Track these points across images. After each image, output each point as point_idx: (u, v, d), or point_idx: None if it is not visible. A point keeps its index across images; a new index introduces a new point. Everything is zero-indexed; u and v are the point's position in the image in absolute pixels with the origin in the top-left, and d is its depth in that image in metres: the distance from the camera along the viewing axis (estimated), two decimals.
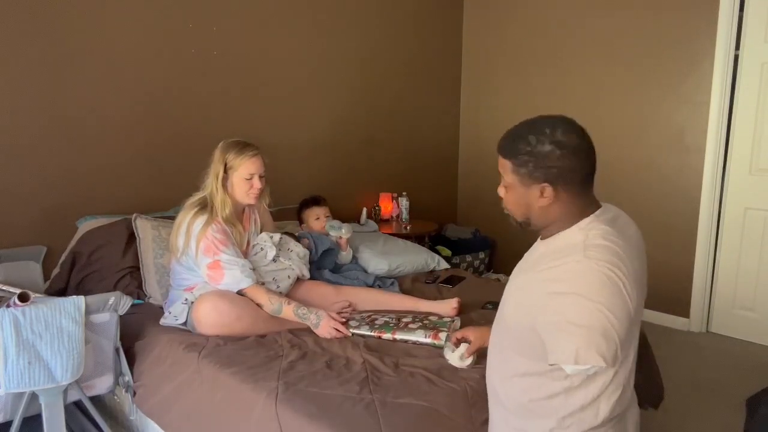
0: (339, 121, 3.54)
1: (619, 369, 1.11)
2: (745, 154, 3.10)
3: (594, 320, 1.00)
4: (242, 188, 2.12)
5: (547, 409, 1.13)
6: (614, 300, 1.01)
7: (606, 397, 1.11)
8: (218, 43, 2.91)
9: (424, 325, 1.97)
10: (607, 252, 1.05)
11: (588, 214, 1.16)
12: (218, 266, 2.01)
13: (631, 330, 1.09)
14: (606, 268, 1.03)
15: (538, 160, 1.11)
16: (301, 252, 2.38)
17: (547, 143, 1.11)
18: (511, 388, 1.19)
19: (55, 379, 1.61)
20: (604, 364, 1.00)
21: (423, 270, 2.84)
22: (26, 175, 2.39)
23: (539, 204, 1.15)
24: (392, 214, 3.78)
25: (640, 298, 1.12)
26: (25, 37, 2.33)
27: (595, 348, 0.99)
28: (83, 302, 1.67)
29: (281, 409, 1.49)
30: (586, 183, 1.16)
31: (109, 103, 2.58)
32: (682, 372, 2.79)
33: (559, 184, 1.12)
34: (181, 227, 2.06)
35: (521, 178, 1.15)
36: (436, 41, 4.08)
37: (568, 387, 1.11)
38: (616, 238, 1.09)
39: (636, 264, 1.10)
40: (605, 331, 1.00)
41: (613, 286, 1.02)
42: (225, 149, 2.12)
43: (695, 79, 3.19)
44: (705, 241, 3.26)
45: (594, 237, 1.09)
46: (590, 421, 1.11)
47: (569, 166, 1.11)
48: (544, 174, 1.12)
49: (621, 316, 1.02)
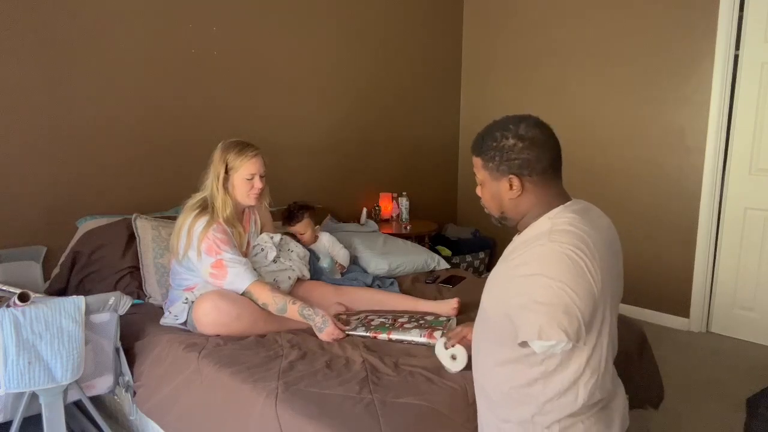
0: (339, 121, 3.54)
1: (593, 353, 1.14)
2: (745, 154, 3.10)
3: (556, 298, 1.06)
4: (243, 189, 2.11)
5: (527, 396, 1.17)
6: (576, 279, 1.07)
7: (583, 382, 1.14)
8: (218, 44, 2.91)
9: (420, 324, 1.97)
10: (571, 236, 1.12)
11: (557, 206, 1.23)
12: (221, 265, 2.01)
13: (601, 313, 1.13)
14: (568, 249, 1.10)
15: (503, 153, 1.22)
16: (302, 252, 2.38)
17: (511, 137, 1.21)
18: (493, 378, 1.24)
19: (55, 379, 1.61)
20: (567, 339, 1.05)
21: (423, 270, 2.85)
22: (26, 176, 2.39)
23: (509, 196, 1.24)
24: (392, 214, 3.78)
25: (612, 286, 1.17)
26: (25, 37, 2.33)
27: (557, 324, 1.05)
28: (83, 302, 1.67)
29: (281, 409, 1.49)
30: (550, 174, 1.24)
31: (109, 103, 2.58)
32: (682, 372, 2.79)
33: (524, 175, 1.22)
34: (182, 230, 2.06)
35: (490, 173, 1.25)
36: (436, 41, 4.08)
37: (544, 372, 1.15)
38: (583, 225, 1.16)
39: (605, 253, 1.15)
40: (567, 308, 1.05)
41: (575, 265, 1.08)
42: (225, 150, 2.11)
43: (695, 79, 3.19)
44: (705, 241, 3.26)
45: (560, 224, 1.16)
46: (570, 406, 1.15)
47: (532, 157, 1.20)
48: (509, 166, 1.22)
49: (583, 294, 1.07)
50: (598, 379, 1.16)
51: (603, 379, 1.17)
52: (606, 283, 1.13)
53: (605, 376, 1.18)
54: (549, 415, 1.16)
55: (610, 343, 1.18)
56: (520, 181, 1.22)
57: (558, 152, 1.26)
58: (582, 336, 1.08)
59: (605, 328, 1.15)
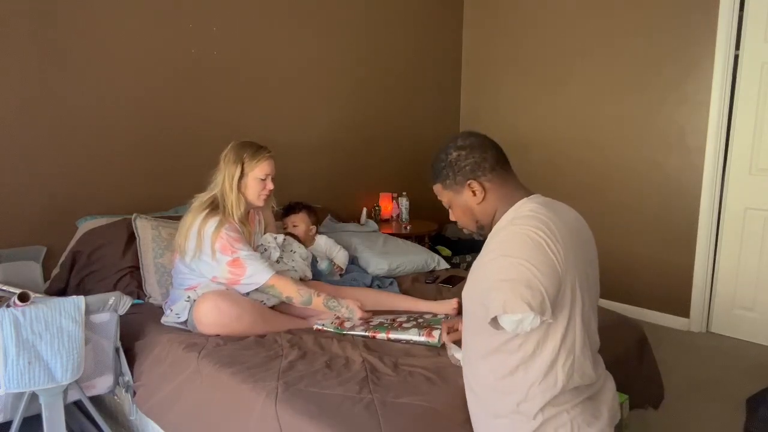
0: (339, 120, 3.54)
1: (566, 334, 1.19)
2: (745, 154, 3.10)
3: (517, 273, 1.12)
4: (255, 189, 2.12)
5: (511, 385, 1.22)
6: (536, 255, 1.14)
7: (560, 364, 1.19)
8: (218, 44, 2.91)
9: (419, 323, 1.97)
10: (532, 219, 1.20)
11: (519, 199, 1.31)
12: (239, 263, 2.00)
13: (570, 293, 1.18)
14: (527, 229, 1.17)
15: (453, 167, 1.34)
16: (304, 253, 2.38)
17: (453, 151, 1.34)
18: (478, 372, 1.29)
19: (55, 379, 1.61)
20: (530, 310, 1.09)
21: (423, 270, 2.85)
22: (26, 175, 2.39)
23: (476, 202, 1.34)
24: (392, 214, 3.78)
25: (581, 269, 1.22)
26: (25, 37, 2.33)
27: (520, 297, 1.09)
28: (83, 302, 1.67)
29: (281, 409, 1.49)
30: (501, 170, 1.33)
31: (109, 103, 2.58)
32: (682, 372, 2.79)
33: (479, 176, 1.32)
34: (191, 230, 2.03)
35: (452, 190, 1.37)
36: (436, 41, 4.08)
37: (523, 357, 1.20)
38: (546, 211, 1.23)
39: (570, 237, 1.21)
40: (529, 282, 1.11)
41: (534, 243, 1.15)
42: (240, 149, 2.11)
43: (695, 79, 3.19)
44: (705, 240, 3.26)
45: (522, 212, 1.25)
46: (551, 389, 1.20)
47: (477, 158, 1.32)
48: (463, 174, 1.33)
49: (545, 270, 1.13)
50: (574, 362, 1.21)
51: (581, 363, 1.22)
52: (571, 264, 1.18)
53: (583, 361, 1.23)
54: (533, 401, 1.20)
55: (584, 327, 1.22)
56: (478, 183, 1.32)
57: (498, 150, 1.36)
58: (547, 309, 1.11)
59: (576, 310, 1.20)
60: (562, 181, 3.82)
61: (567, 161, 3.79)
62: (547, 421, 1.20)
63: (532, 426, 1.20)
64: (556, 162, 3.84)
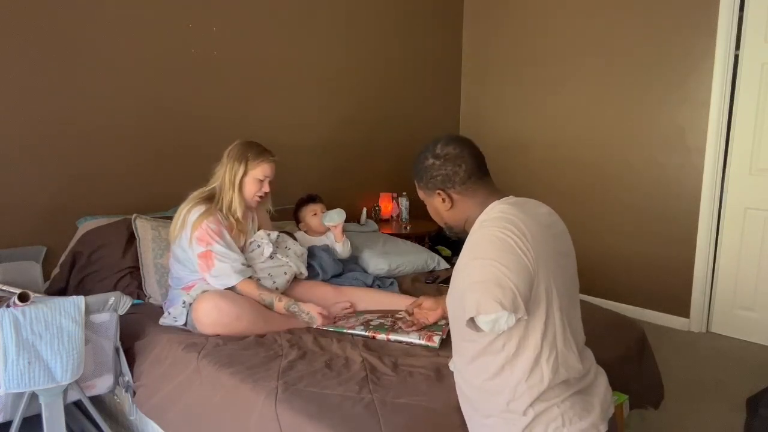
0: (339, 121, 3.54)
1: (546, 329, 1.21)
2: (745, 154, 3.10)
3: (487, 274, 1.14)
4: (252, 189, 2.16)
5: (499, 385, 1.24)
6: (506, 255, 1.16)
7: (544, 359, 1.21)
8: (218, 44, 2.91)
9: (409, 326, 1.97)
10: (499, 220, 1.22)
11: (491, 203, 1.33)
12: (210, 256, 2.03)
13: (544, 288, 1.19)
14: (496, 230, 1.19)
15: (426, 173, 1.38)
16: (299, 250, 2.37)
17: (430, 157, 1.37)
18: (467, 376, 1.31)
19: (55, 379, 1.61)
20: (503, 309, 1.10)
21: (423, 270, 2.85)
22: (26, 176, 2.39)
23: (445, 208, 1.39)
24: (392, 214, 3.78)
25: (554, 263, 1.24)
26: (25, 37, 2.33)
27: (492, 297, 1.11)
28: (83, 302, 1.67)
29: (281, 409, 1.49)
30: (474, 181, 1.35)
31: (109, 103, 2.58)
32: (682, 372, 2.79)
33: (447, 188, 1.36)
34: (179, 216, 2.10)
35: (424, 191, 1.42)
36: (436, 41, 4.08)
37: (507, 356, 1.21)
38: (514, 211, 1.25)
39: (540, 233, 1.23)
40: (499, 281, 1.12)
41: (503, 243, 1.17)
42: (244, 148, 2.15)
43: (695, 79, 3.19)
44: (705, 241, 3.26)
45: (491, 215, 1.27)
46: (539, 385, 1.21)
47: (449, 172, 1.34)
48: (434, 183, 1.37)
49: (515, 268, 1.14)
50: (558, 356, 1.23)
51: (565, 356, 1.24)
52: (543, 259, 1.19)
53: (567, 354, 1.24)
54: (522, 398, 1.21)
55: (564, 320, 1.24)
56: (446, 194, 1.36)
57: (477, 160, 1.36)
58: (519, 306, 1.12)
59: (554, 304, 1.22)
60: (562, 181, 3.82)
61: (567, 161, 3.79)
62: (538, 416, 1.21)
63: (524, 422, 1.21)
64: (556, 162, 3.84)
